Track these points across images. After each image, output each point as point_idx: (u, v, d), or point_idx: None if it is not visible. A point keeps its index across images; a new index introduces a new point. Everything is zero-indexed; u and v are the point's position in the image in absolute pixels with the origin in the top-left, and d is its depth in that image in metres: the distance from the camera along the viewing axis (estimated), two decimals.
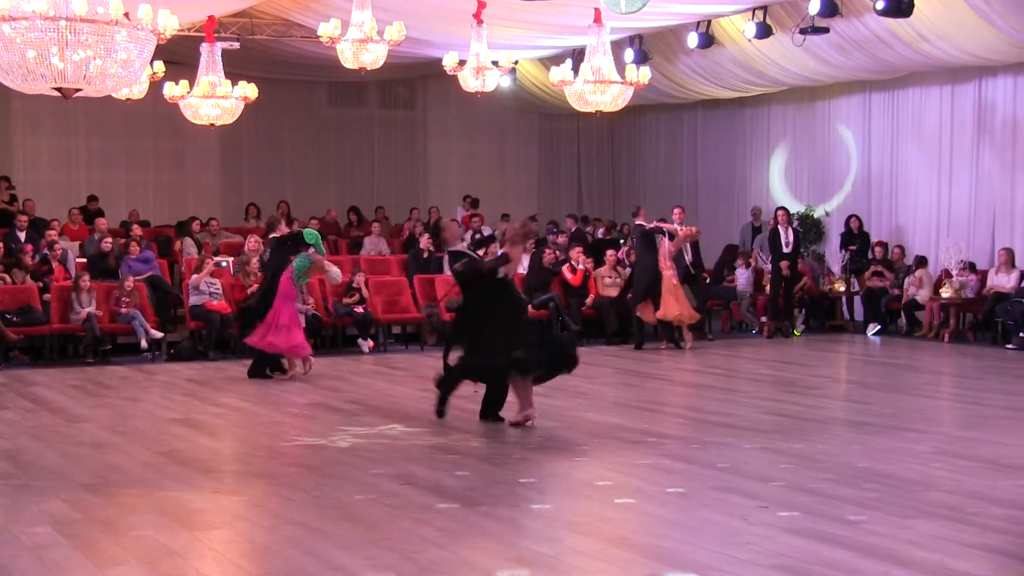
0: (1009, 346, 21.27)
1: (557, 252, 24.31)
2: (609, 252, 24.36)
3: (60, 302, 20.43)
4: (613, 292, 23.28)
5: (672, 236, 21.45)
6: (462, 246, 14.44)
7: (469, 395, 14.00)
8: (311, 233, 18.13)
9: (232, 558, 8.81)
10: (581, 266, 23.55)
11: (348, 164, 31.10)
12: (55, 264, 21.44)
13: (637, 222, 22.88)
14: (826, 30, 21.99)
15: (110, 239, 22.87)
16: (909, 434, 13.38)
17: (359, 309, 21.91)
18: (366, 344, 21.68)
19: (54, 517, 9.58)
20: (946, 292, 23.02)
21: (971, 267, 23.11)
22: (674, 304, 21.22)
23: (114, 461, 12.02)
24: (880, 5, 20.01)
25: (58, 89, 14.66)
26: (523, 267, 22.43)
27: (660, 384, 17.66)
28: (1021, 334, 21.32)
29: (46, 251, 21.94)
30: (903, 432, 13.52)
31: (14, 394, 16.46)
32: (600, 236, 27.12)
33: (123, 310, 20.28)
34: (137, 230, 23.60)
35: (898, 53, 22.86)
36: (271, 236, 18.59)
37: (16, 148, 27.48)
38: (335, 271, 18.64)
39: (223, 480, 11.33)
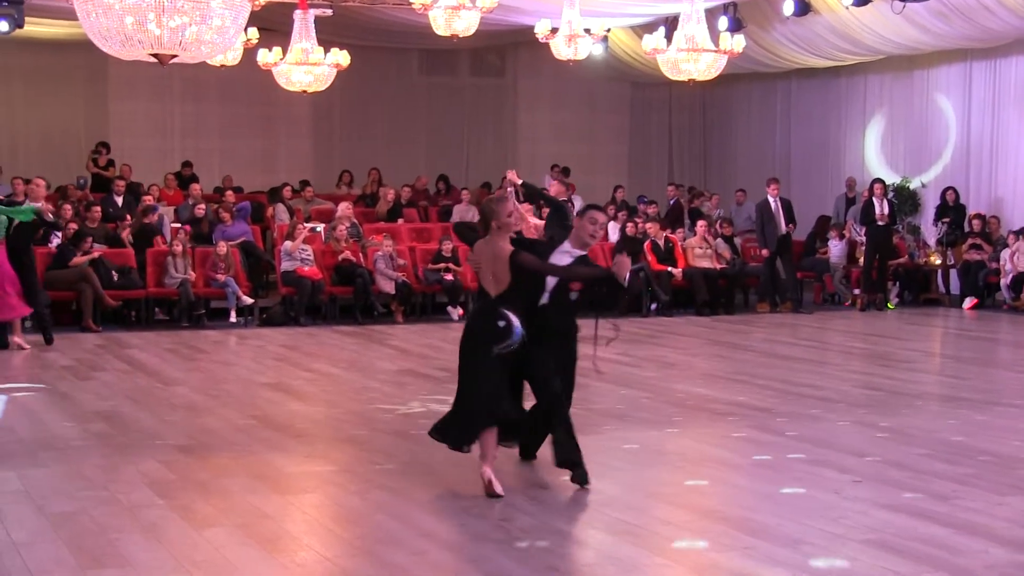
0: None
1: (639, 223, 24.27)
2: (700, 222, 24.36)
3: (156, 267, 20.75)
4: (704, 263, 23.24)
5: None
6: None
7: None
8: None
9: (323, 522, 8.95)
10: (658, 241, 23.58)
11: (438, 132, 31.14)
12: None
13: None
14: None
15: (203, 205, 23.13)
16: (1007, 410, 13.32)
17: (448, 276, 22.05)
18: (456, 311, 21.79)
19: (150, 478, 9.78)
20: None
21: None
22: None
23: (207, 424, 12.22)
24: None
25: (154, 55, 14.81)
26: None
27: (750, 356, 17.61)
28: None
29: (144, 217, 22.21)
30: (999, 408, 13.47)
31: (111, 356, 16.72)
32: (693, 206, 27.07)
33: (218, 276, 20.57)
34: (231, 196, 23.79)
35: (1001, 19, 22.59)
36: None
37: (112, 114, 27.79)
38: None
39: (314, 445, 11.51)
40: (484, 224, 9.44)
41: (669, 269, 23.18)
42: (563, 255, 9.84)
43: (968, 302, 23.78)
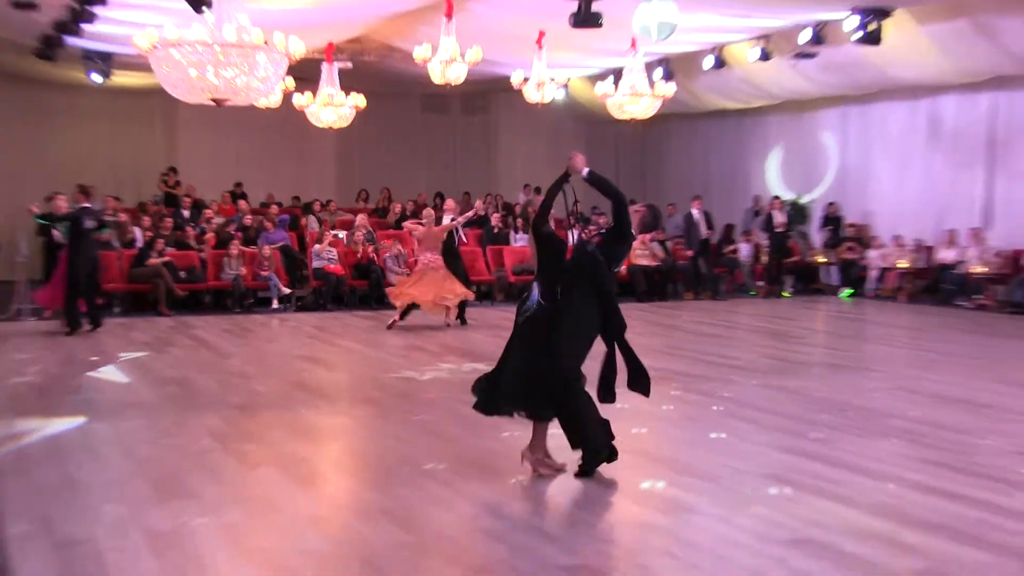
0: (961, 303, 21.29)
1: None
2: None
3: (215, 265, 20.86)
4: (643, 261, 23.27)
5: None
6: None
7: None
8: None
9: (345, 463, 9.08)
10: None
11: (435, 158, 31.14)
12: (210, 235, 21.71)
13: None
14: (814, 55, 21.92)
15: (250, 216, 23.29)
16: (874, 374, 13.50)
17: None
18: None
19: (211, 430, 9.86)
20: (902, 263, 23.07)
21: (922, 244, 23.19)
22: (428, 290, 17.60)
23: (256, 388, 12.30)
24: (856, 36, 19.94)
25: (213, 99, 14.83)
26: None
27: (680, 333, 17.70)
28: (961, 301, 21.33)
29: (204, 225, 22.30)
30: (868, 372, 13.66)
31: (180, 335, 16.73)
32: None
33: (263, 272, 20.66)
34: (273, 209, 23.85)
35: (869, 74, 22.73)
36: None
37: (180, 146, 27.84)
38: None
39: (338, 404, 11.60)
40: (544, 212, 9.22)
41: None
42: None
43: (846, 291, 23.94)
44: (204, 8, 14.39)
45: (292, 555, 6.42)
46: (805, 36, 21.29)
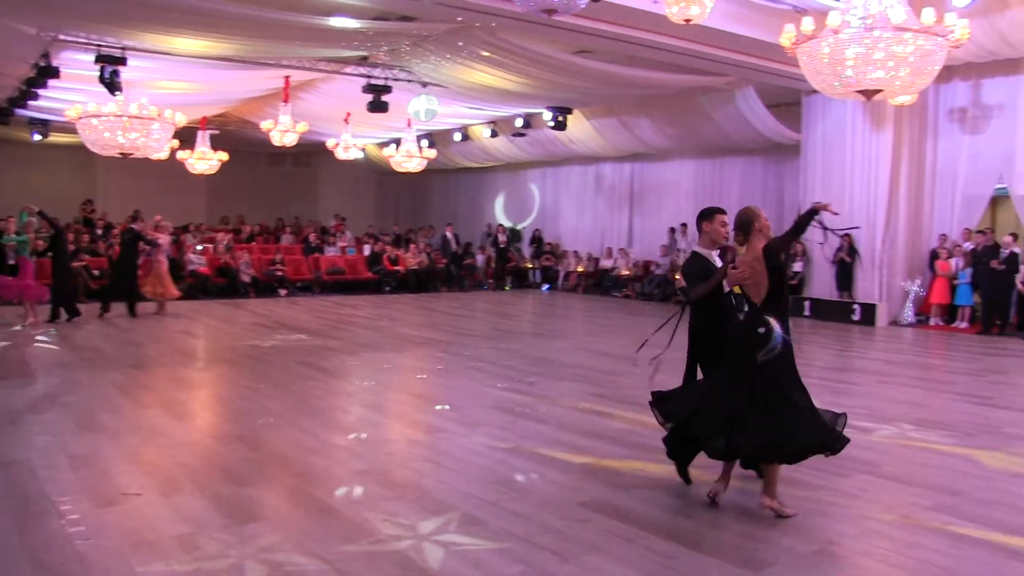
0: (615, 294, 21.95)
1: (383, 244, 24.18)
2: (412, 245, 24.34)
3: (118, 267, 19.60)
4: (415, 265, 23.17)
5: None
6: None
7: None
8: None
9: (210, 404, 8.72)
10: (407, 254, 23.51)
11: (275, 196, 30.24)
12: (117, 247, 20.51)
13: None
14: (524, 135, 22.31)
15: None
16: (561, 338, 13.70)
17: (279, 272, 21.55)
18: (283, 292, 21.23)
19: (114, 383, 9.37)
20: (580, 268, 23.69)
21: (591, 256, 23.78)
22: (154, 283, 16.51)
23: (147, 352, 11.70)
24: (550, 124, 20.43)
25: (122, 153, 14.22)
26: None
27: (437, 315, 17.64)
28: (615, 293, 22.00)
29: (112, 240, 21.03)
30: (558, 338, 13.83)
31: (93, 316, 15.70)
32: (407, 236, 27.01)
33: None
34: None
35: (559, 148, 23.25)
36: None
37: (97, 185, 26.72)
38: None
39: (206, 363, 11.12)
40: (745, 229, 5.31)
41: (397, 268, 23.12)
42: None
43: (545, 287, 24.36)
44: (117, 92, 14.02)
45: (173, 467, 6.16)
46: (519, 122, 21.71)
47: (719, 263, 5.75)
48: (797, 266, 17.67)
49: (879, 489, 5.75)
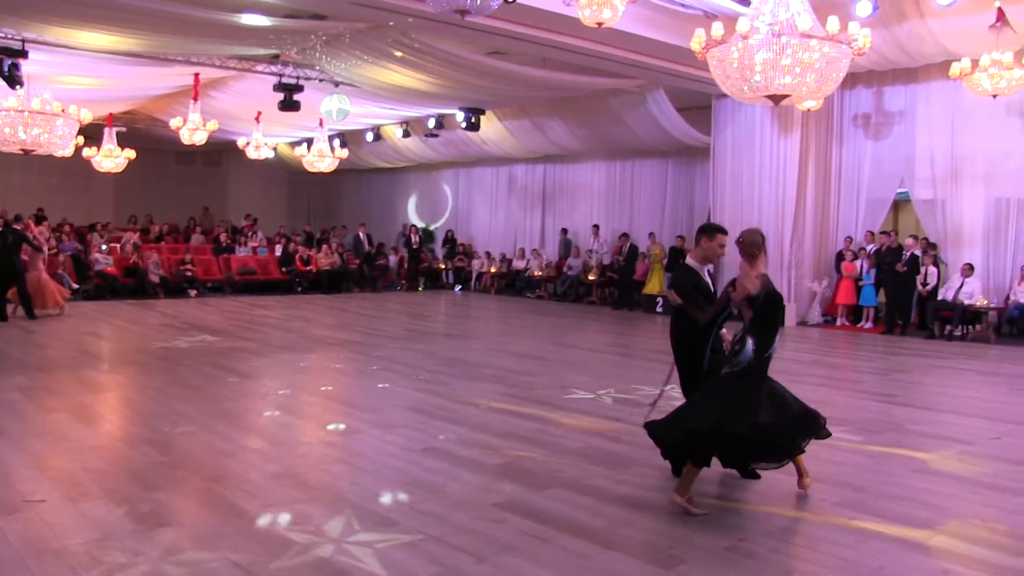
0: (528, 295, 22.06)
1: (294, 244, 23.91)
2: (324, 245, 24.07)
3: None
4: (327, 264, 22.90)
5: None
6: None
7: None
8: None
9: (118, 407, 8.46)
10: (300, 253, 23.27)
11: (186, 195, 29.58)
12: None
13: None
14: (437, 135, 22.26)
15: (48, 233, 21.37)
16: (474, 339, 13.74)
17: (188, 272, 21.04)
18: (192, 292, 20.71)
19: (18, 386, 9.04)
20: (492, 269, 23.74)
21: (505, 257, 23.86)
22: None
23: (51, 355, 11.29)
24: (463, 124, 20.43)
25: (22, 150, 13.78)
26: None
27: (349, 315, 17.50)
28: (528, 293, 22.15)
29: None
30: (471, 338, 13.87)
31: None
32: (319, 236, 26.71)
33: (59, 271, 18.82)
34: (67, 228, 22.12)
35: (472, 149, 23.29)
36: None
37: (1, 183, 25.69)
38: None
39: (113, 365, 10.81)
40: (750, 250, 5.26)
41: (309, 268, 22.79)
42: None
43: (458, 288, 24.35)
44: (17, 86, 13.54)
45: (79, 472, 5.95)
46: (432, 123, 21.65)
47: (708, 279, 5.87)
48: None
49: (788, 486, 5.89)
